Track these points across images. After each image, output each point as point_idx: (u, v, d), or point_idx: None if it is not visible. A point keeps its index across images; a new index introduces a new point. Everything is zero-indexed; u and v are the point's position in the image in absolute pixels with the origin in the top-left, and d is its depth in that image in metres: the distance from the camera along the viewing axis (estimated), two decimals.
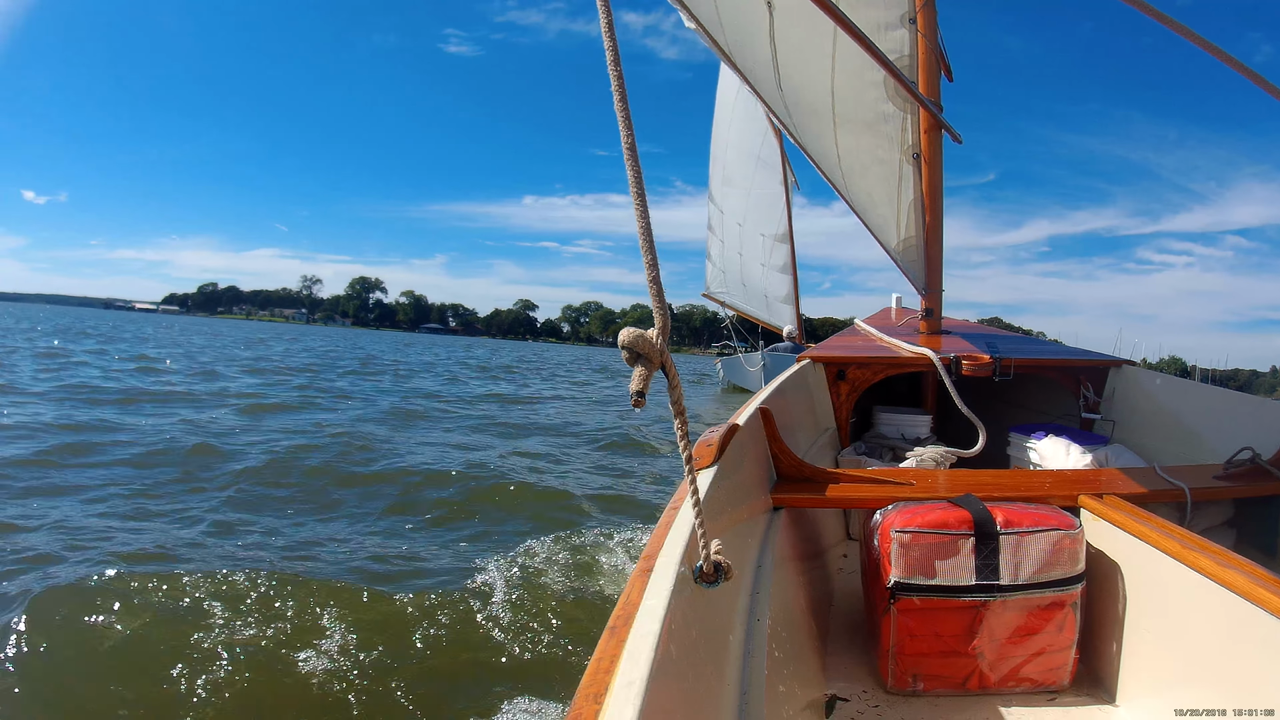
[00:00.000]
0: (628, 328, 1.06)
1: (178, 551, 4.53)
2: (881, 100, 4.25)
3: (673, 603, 1.02)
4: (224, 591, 3.75)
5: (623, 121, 1.10)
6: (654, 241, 1.09)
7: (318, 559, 4.61)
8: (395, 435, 9.77)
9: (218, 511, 5.61)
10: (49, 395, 11.49)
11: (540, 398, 17.94)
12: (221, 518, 5.43)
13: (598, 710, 0.80)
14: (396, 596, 3.90)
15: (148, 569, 3.99)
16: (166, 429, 8.89)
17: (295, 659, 3.25)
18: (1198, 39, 2.10)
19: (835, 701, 1.91)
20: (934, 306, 4.46)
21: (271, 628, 3.47)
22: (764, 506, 2.14)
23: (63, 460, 6.95)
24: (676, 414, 1.10)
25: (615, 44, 1.12)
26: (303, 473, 7.06)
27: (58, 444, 7.58)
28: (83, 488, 6.06)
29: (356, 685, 3.13)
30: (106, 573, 3.86)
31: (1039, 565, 1.86)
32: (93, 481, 6.28)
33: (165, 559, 4.33)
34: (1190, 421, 3.19)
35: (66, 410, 9.89)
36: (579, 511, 6.20)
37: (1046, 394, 4.05)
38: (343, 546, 4.95)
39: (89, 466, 6.83)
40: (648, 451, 9.91)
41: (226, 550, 4.68)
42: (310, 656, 3.27)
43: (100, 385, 13.31)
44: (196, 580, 3.83)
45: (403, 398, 15.16)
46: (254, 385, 15.79)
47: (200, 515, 5.45)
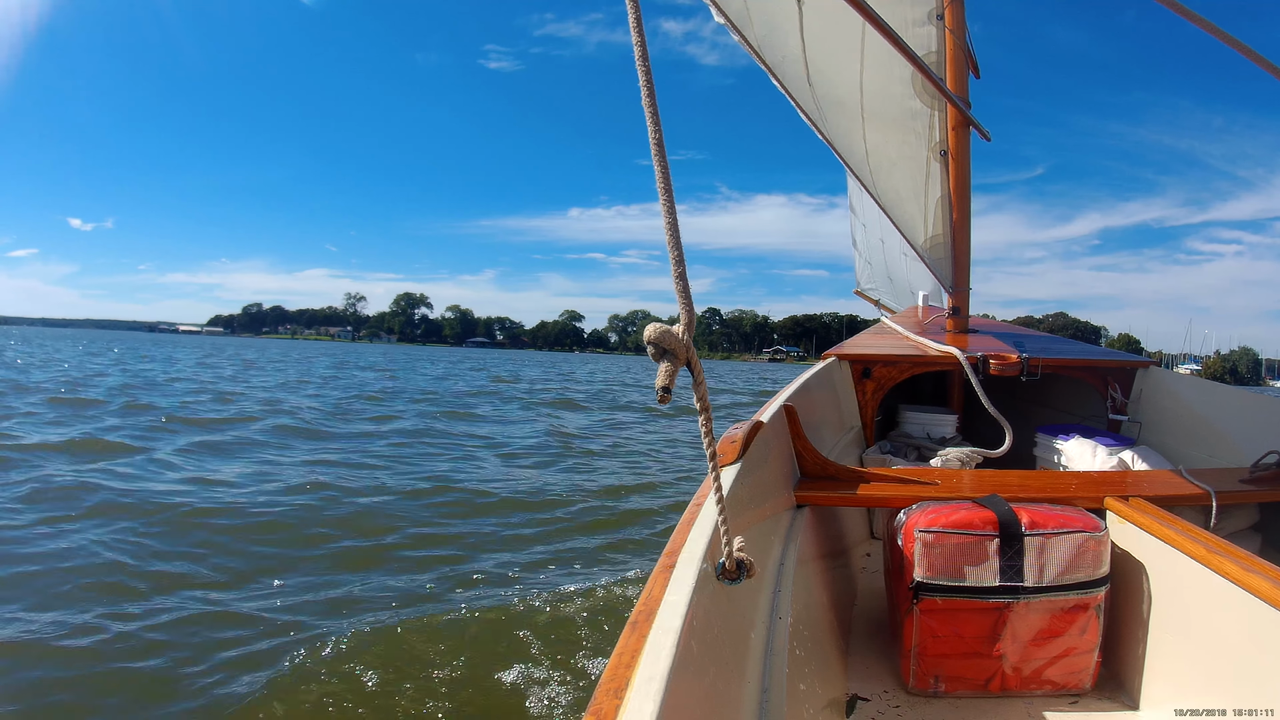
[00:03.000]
0: (653, 323, 1.06)
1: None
2: (909, 96, 4.21)
3: (694, 599, 1.02)
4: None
5: (650, 117, 1.10)
6: (681, 238, 1.08)
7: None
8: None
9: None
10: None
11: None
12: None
13: (618, 705, 0.80)
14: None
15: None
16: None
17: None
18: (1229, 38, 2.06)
19: (856, 701, 1.91)
20: (961, 305, 4.40)
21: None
22: (787, 504, 2.13)
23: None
24: (701, 409, 1.10)
25: (644, 40, 1.12)
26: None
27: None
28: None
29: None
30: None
31: (1063, 567, 1.84)
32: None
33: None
34: (1217, 424, 3.14)
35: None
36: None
37: (1073, 394, 4.00)
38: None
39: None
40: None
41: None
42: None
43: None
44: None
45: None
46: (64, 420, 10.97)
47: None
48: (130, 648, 3.44)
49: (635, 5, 1.14)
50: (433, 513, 6.22)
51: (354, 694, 3.08)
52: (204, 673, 3.23)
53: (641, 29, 1.13)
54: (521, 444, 10.69)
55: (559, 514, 6.36)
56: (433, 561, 4.87)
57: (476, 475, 8.03)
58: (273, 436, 10.17)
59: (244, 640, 3.54)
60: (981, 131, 4.15)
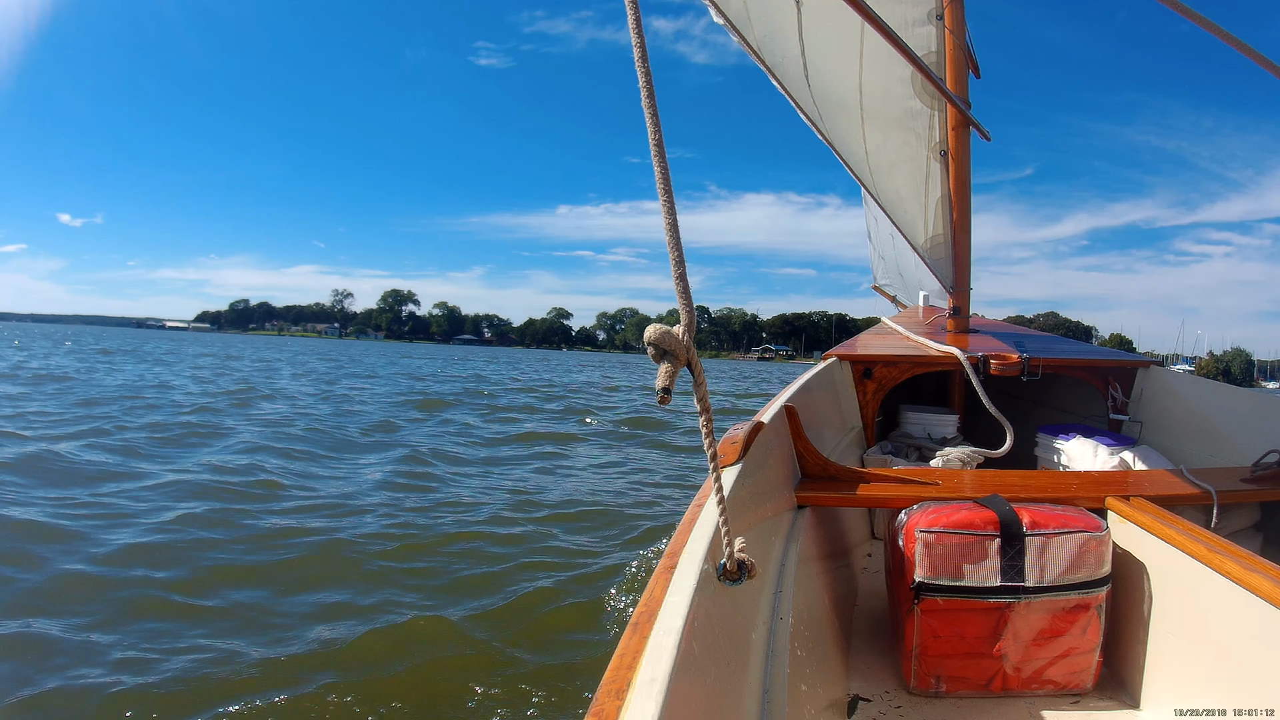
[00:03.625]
0: (654, 324, 1.06)
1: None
2: (909, 96, 4.22)
3: (696, 600, 1.02)
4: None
5: (650, 118, 1.10)
6: (680, 239, 1.09)
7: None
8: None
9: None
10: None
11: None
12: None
13: (620, 706, 0.80)
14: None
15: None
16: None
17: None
18: (1230, 37, 2.06)
19: (858, 701, 1.91)
20: (962, 305, 4.41)
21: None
22: (788, 505, 2.13)
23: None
24: (701, 410, 1.11)
25: (643, 41, 1.12)
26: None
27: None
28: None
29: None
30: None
31: (1064, 567, 1.84)
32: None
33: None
34: (1218, 423, 3.15)
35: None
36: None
37: (1074, 394, 4.00)
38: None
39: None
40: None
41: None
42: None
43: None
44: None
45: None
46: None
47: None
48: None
49: (635, 6, 1.14)
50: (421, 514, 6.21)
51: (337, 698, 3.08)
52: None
53: (641, 30, 1.13)
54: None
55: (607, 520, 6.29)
56: (424, 565, 4.86)
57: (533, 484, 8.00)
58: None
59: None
60: (982, 132, 4.15)
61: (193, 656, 3.33)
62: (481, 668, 3.34)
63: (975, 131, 4.19)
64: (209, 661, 3.30)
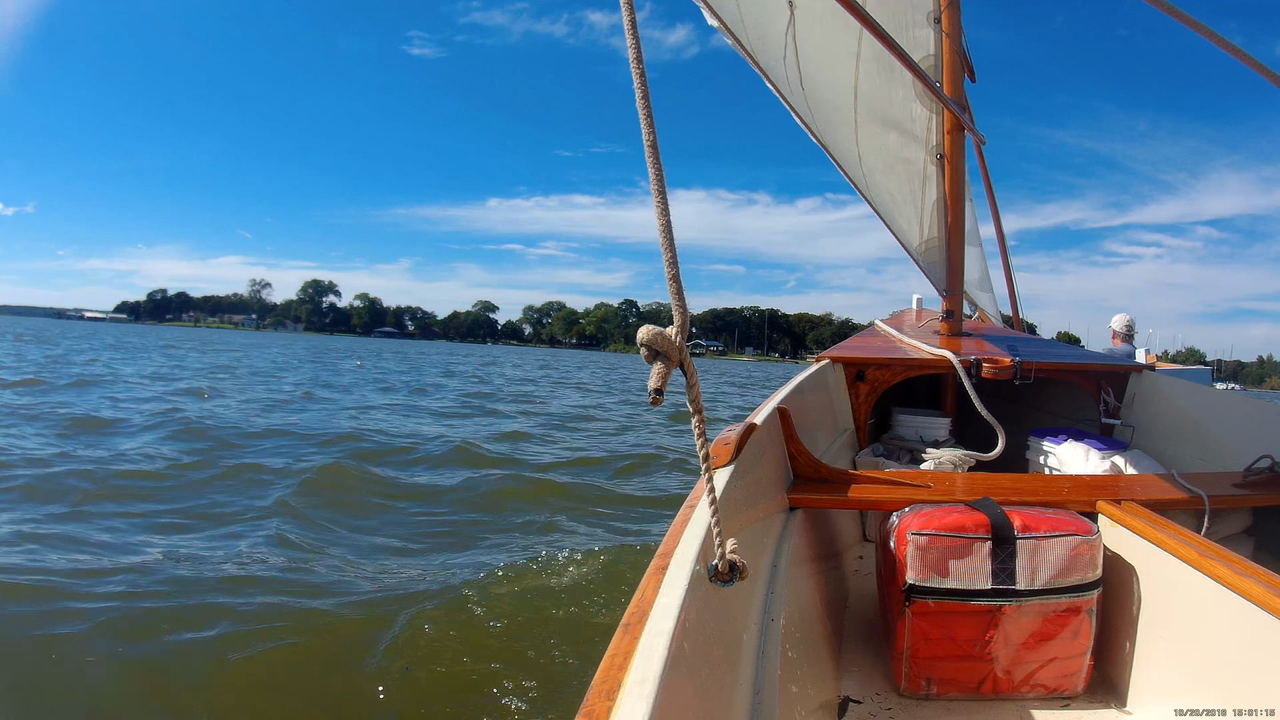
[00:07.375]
0: (647, 325, 1.06)
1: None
2: (908, 100, 4.22)
3: (687, 601, 1.02)
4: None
5: (645, 119, 1.10)
6: (674, 239, 1.08)
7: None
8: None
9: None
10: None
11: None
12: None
13: (610, 707, 0.80)
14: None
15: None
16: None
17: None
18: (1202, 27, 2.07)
19: (848, 703, 1.91)
20: (955, 308, 4.42)
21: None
22: (780, 506, 2.13)
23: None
24: (694, 411, 1.11)
25: (638, 43, 1.12)
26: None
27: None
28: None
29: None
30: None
31: (1056, 571, 1.85)
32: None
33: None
34: (1210, 428, 3.16)
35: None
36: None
37: (1067, 398, 4.01)
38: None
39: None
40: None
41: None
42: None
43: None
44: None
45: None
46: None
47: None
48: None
49: (630, 8, 1.14)
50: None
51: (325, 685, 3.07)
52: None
53: (636, 32, 1.13)
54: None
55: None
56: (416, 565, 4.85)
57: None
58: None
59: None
60: (976, 135, 4.16)
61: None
62: (470, 670, 3.33)
63: (970, 135, 4.21)
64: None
